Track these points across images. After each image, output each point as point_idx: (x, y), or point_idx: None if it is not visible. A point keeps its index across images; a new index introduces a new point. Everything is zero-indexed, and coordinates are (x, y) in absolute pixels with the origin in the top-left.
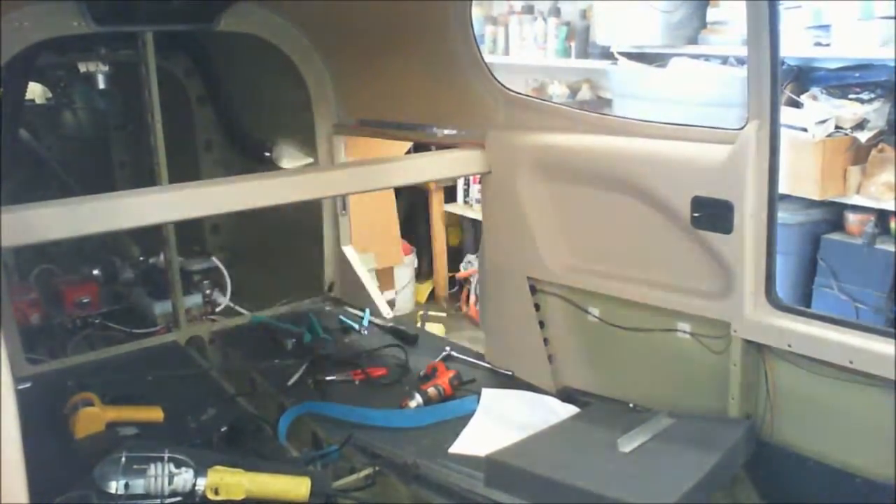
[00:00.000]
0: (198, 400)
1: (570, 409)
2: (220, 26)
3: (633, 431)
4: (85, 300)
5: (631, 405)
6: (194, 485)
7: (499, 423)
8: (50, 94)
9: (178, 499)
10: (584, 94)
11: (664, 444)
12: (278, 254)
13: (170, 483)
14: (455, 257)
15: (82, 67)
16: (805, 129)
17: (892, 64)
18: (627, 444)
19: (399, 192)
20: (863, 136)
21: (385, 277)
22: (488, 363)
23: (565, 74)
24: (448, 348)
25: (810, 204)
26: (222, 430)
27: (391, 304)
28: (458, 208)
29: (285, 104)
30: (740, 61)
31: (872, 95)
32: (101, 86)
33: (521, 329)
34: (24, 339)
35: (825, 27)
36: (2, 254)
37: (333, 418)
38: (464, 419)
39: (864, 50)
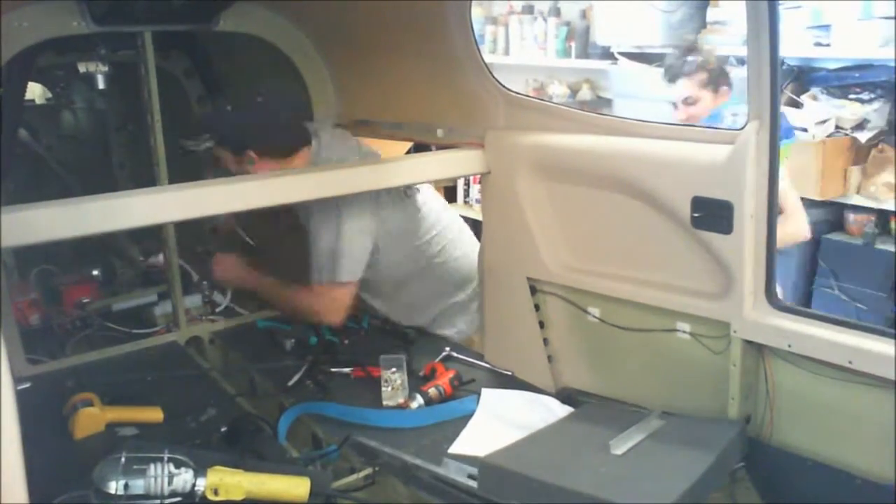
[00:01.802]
0: (198, 400)
1: (569, 410)
2: (219, 26)
3: (625, 433)
4: (85, 300)
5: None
6: (194, 485)
7: (498, 423)
8: (49, 95)
9: (178, 499)
10: (585, 94)
11: (657, 445)
12: (278, 254)
13: (169, 483)
14: None
15: (82, 68)
16: (805, 129)
17: (892, 64)
18: (620, 447)
19: None
20: (863, 136)
21: None
22: (488, 363)
23: (565, 74)
24: (448, 348)
25: (810, 204)
26: (222, 430)
27: None
28: (458, 208)
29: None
30: (740, 61)
31: (872, 95)
32: (101, 86)
33: (521, 329)
34: (24, 340)
35: (825, 27)
36: (2, 254)
37: (333, 418)
38: (463, 419)
39: (864, 50)
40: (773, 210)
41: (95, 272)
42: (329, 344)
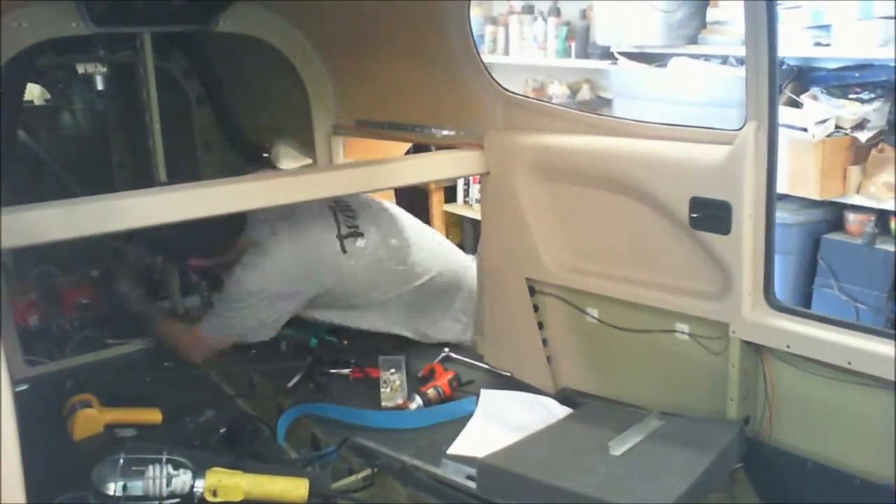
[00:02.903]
0: (196, 401)
1: (568, 411)
2: (218, 27)
3: (624, 434)
4: (84, 301)
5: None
6: (192, 486)
7: (497, 424)
8: (49, 96)
9: (177, 500)
10: (584, 94)
11: (656, 445)
12: None
13: (168, 485)
14: None
15: (81, 68)
16: (805, 129)
17: (892, 64)
18: (619, 447)
19: (399, 192)
20: (863, 136)
21: None
22: (487, 364)
23: (565, 74)
24: (446, 349)
25: (810, 204)
26: (221, 431)
27: None
28: (458, 208)
29: (284, 105)
30: (740, 61)
31: (872, 95)
32: (100, 87)
33: (520, 330)
34: (23, 341)
35: (825, 27)
36: (1, 255)
37: (332, 419)
38: (462, 420)
39: (864, 50)
40: (772, 210)
41: (94, 273)
42: (328, 345)
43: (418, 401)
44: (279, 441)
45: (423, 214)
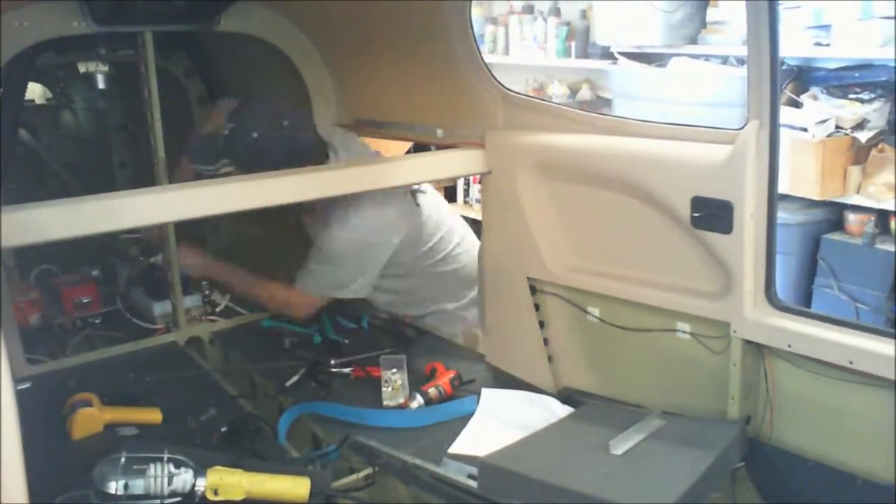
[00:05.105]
0: (197, 400)
1: (569, 410)
2: (220, 26)
3: (626, 433)
4: (85, 300)
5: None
6: (194, 485)
7: (498, 423)
8: (50, 95)
9: (178, 499)
10: (584, 94)
11: (658, 445)
12: (278, 254)
13: (169, 483)
14: None
15: (82, 67)
16: (805, 129)
17: (892, 64)
18: (620, 447)
19: None
20: (863, 136)
21: None
22: (488, 363)
23: (565, 74)
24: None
25: (810, 204)
26: (222, 430)
27: None
28: (458, 208)
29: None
30: (740, 61)
31: (872, 95)
32: (101, 86)
33: (521, 329)
34: (24, 340)
35: (825, 27)
36: (2, 254)
37: (333, 419)
38: (463, 419)
39: (864, 50)
40: (773, 209)
41: (95, 272)
42: (331, 343)
43: (419, 400)
44: (280, 440)
45: None
